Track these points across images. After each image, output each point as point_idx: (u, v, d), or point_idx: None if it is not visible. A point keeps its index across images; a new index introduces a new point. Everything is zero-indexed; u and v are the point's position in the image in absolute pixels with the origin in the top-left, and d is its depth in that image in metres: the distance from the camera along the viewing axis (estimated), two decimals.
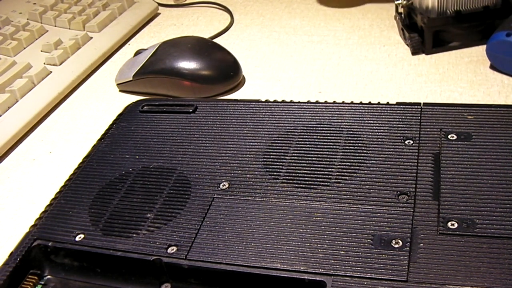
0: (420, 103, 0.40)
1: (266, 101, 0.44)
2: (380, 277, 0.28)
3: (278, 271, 0.29)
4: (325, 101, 0.43)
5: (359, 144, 0.37)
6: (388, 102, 0.41)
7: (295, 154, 0.38)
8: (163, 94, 0.54)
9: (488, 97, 0.47)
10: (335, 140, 0.38)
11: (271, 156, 0.38)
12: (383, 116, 0.40)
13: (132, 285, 0.32)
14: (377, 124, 0.39)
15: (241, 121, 0.42)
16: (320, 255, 0.30)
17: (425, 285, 0.27)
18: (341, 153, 0.37)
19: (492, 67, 0.50)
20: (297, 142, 0.39)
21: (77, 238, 0.34)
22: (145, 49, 0.56)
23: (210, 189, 0.36)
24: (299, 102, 0.43)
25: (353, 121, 0.40)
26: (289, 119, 0.41)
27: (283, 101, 0.44)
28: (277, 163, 0.37)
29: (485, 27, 0.53)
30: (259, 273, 0.30)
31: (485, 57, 0.50)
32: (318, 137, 0.39)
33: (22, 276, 0.33)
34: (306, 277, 0.29)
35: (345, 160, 0.36)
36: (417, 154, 0.36)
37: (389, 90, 0.50)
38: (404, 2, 0.55)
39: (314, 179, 0.35)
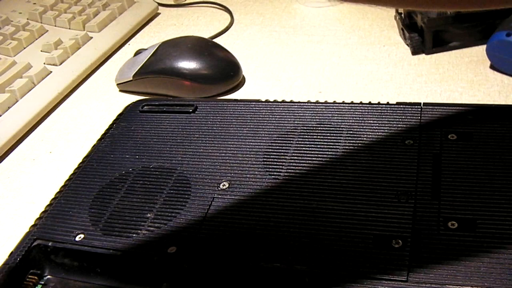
0: (420, 103, 0.40)
1: (266, 101, 0.44)
2: (380, 277, 0.28)
3: (278, 270, 0.29)
4: (325, 101, 0.43)
5: (359, 144, 0.37)
6: (388, 102, 0.41)
7: (295, 154, 0.38)
8: (163, 94, 0.54)
9: (488, 97, 0.47)
10: (335, 140, 0.38)
11: (271, 156, 0.38)
12: (383, 116, 0.40)
13: (132, 285, 0.32)
14: (377, 124, 0.39)
15: (241, 121, 0.42)
16: (321, 254, 0.30)
17: (425, 285, 0.27)
18: (341, 153, 0.37)
19: (492, 67, 0.50)
20: (297, 142, 0.39)
21: (77, 238, 0.34)
22: (145, 49, 0.56)
23: (210, 189, 0.36)
24: (299, 102, 0.43)
25: (353, 121, 0.40)
26: (289, 119, 0.41)
27: (283, 101, 0.44)
28: (277, 163, 0.37)
29: (485, 27, 0.53)
30: (259, 273, 0.30)
31: (485, 57, 0.50)
32: (318, 137, 0.39)
33: (22, 276, 0.33)
34: (306, 277, 0.29)
35: (345, 160, 0.36)
36: (417, 154, 0.36)
37: (389, 90, 0.50)
38: None
39: (314, 179, 0.35)
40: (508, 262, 0.27)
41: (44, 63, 0.59)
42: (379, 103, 0.41)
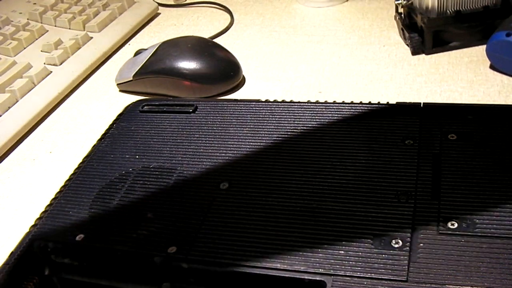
0: (420, 103, 0.40)
1: (266, 101, 0.44)
2: (380, 277, 0.28)
3: (278, 271, 0.29)
4: (325, 101, 0.43)
5: (359, 144, 0.37)
6: (388, 102, 0.41)
7: (295, 154, 0.38)
8: (163, 94, 0.54)
9: (488, 97, 0.47)
10: (335, 140, 0.38)
11: (271, 156, 0.38)
12: (383, 116, 0.40)
13: (132, 285, 0.32)
14: (377, 124, 0.39)
15: (241, 121, 0.42)
16: (320, 255, 0.30)
17: (425, 285, 0.27)
18: (341, 153, 0.37)
19: (492, 67, 0.50)
20: (297, 142, 0.39)
21: (77, 238, 0.34)
22: (145, 49, 0.56)
23: (210, 189, 0.36)
24: (299, 102, 0.43)
25: (353, 121, 0.40)
26: (289, 119, 0.41)
27: (283, 101, 0.44)
28: (277, 163, 0.37)
29: (485, 27, 0.53)
30: (259, 273, 0.30)
31: (485, 57, 0.50)
32: (318, 137, 0.39)
33: (22, 276, 0.33)
34: (306, 277, 0.29)
35: (345, 160, 0.36)
36: (417, 154, 0.36)
37: (389, 90, 0.50)
38: (404, 2, 0.55)
39: (314, 179, 0.35)
40: (508, 262, 0.27)
41: (44, 63, 0.59)
42: (379, 103, 0.41)
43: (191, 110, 0.44)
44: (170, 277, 0.31)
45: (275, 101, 0.44)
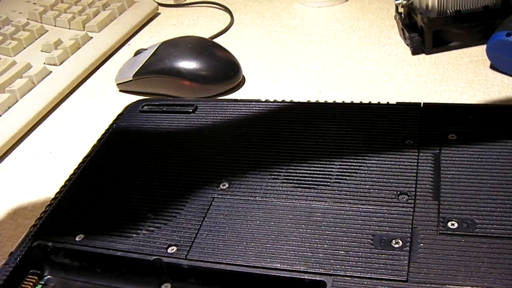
0: (420, 103, 0.40)
1: (266, 101, 0.44)
2: (380, 277, 0.28)
3: (278, 271, 0.29)
4: (325, 101, 0.43)
5: (359, 144, 0.37)
6: (388, 102, 0.41)
7: (295, 154, 0.38)
8: (163, 94, 0.54)
9: (488, 97, 0.47)
10: (335, 140, 0.38)
11: (271, 156, 0.38)
12: (383, 116, 0.40)
13: (132, 285, 0.32)
14: (377, 124, 0.39)
15: (241, 121, 0.42)
16: (320, 255, 0.30)
17: (425, 285, 0.27)
18: (341, 153, 0.37)
19: (492, 67, 0.50)
20: (296, 142, 0.39)
21: (77, 238, 0.34)
22: (145, 49, 0.56)
23: (210, 189, 0.36)
24: (299, 102, 0.43)
25: (353, 121, 0.40)
26: (289, 119, 0.41)
27: (283, 101, 0.44)
28: (277, 163, 0.37)
29: (485, 27, 0.53)
30: (259, 273, 0.30)
31: (485, 57, 0.50)
32: (318, 137, 0.39)
33: (22, 276, 0.33)
34: (306, 277, 0.29)
35: (345, 160, 0.36)
36: (417, 154, 0.36)
37: (389, 90, 0.50)
38: (404, 2, 0.55)
39: (314, 179, 0.35)
40: (508, 262, 0.27)
41: (44, 63, 0.59)
42: (379, 103, 0.41)
43: (191, 110, 0.44)
44: (170, 277, 0.31)
45: (275, 101, 0.44)
